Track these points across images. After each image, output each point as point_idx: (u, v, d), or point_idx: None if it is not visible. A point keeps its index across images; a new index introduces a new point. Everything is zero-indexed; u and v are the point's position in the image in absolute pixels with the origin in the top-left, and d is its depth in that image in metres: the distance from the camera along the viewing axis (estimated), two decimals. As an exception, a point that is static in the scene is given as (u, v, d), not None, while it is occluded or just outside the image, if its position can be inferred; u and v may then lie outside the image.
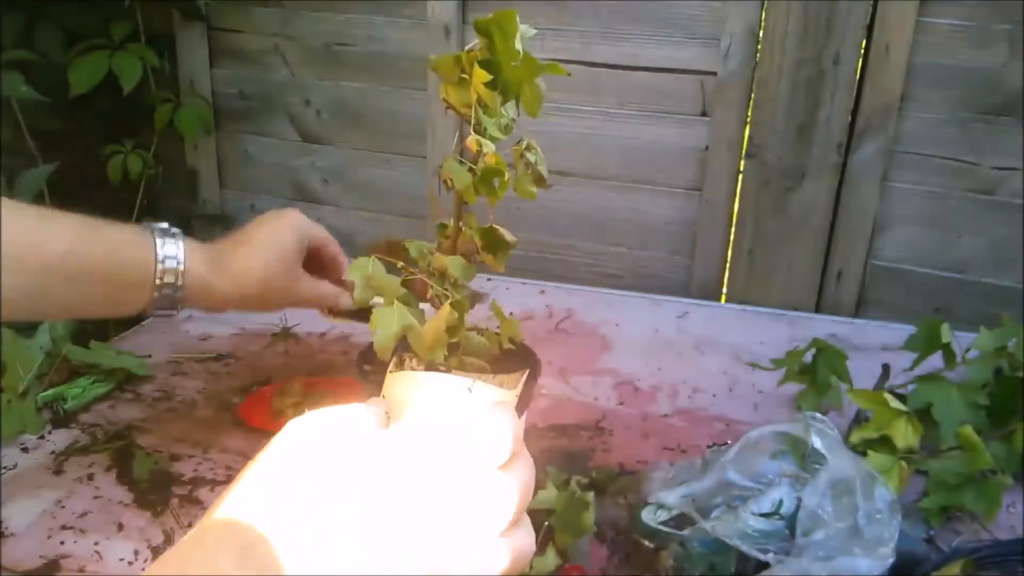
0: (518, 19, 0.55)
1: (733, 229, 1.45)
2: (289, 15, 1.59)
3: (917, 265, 1.39)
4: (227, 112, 1.70)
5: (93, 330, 1.17)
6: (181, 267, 0.73)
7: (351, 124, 1.63)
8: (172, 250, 0.73)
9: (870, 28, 1.29)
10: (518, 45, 0.55)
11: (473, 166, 0.61)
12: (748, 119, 1.39)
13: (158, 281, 0.72)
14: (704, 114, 1.42)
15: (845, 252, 1.40)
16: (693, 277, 1.50)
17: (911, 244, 1.38)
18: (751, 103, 1.38)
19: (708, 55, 1.39)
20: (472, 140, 0.58)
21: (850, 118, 1.34)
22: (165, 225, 0.75)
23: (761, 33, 1.34)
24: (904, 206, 1.37)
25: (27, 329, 0.99)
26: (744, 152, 1.41)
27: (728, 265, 1.48)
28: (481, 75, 0.56)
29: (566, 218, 1.53)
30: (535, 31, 0.56)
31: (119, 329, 1.14)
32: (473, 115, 0.58)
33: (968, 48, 1.27)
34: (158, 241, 0.73)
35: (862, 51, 1.31)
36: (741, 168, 1.42)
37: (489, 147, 0.58)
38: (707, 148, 1.43)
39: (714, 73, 1.39)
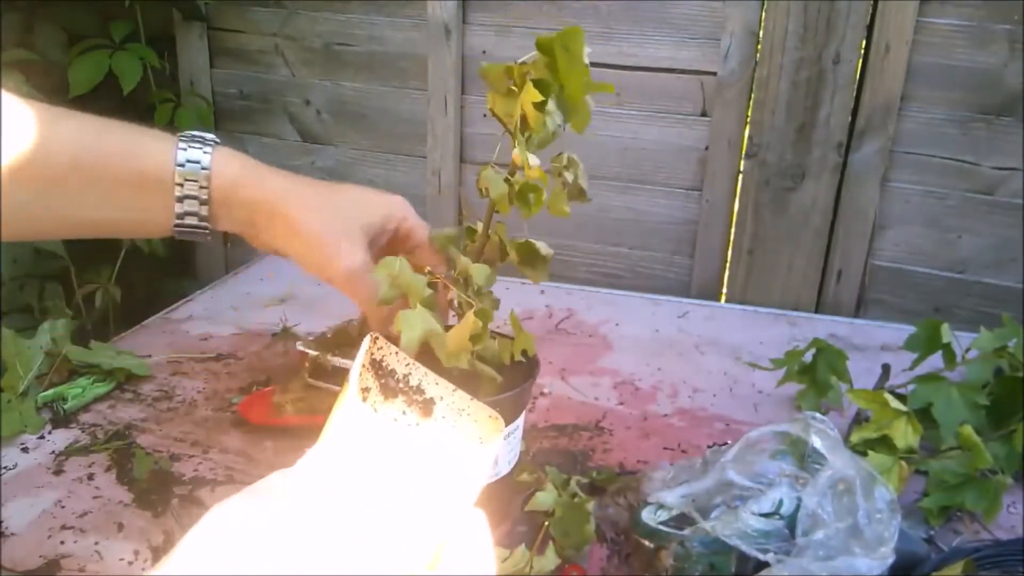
0: (584, 38, 0.54)
1: (733, 229, 1.45)
2: (289, 15, 1.59)
3: (917, 265, 1.39)
4: (227, 112, 1.70)
5: (93, 330, 1.17)
6: (206, 171, 0.61)
7: (351, 124, 1.63)
8: (196, 154, 0.62)
9: (870, 28, 1.29)
10: (586, 61, 0.55)
11: (510, 178, 0.61)
12: (748, 119, 1.39)
13: (178, 187, 0.61)
14: (704, 114, 1.42)
15: (845, 252, 1.40)
16: (693, 277, 1.50)
17: (911, 244, 1.38)
18: (751, 103, 1.38)
19: (708, 55, 1.39)
20: (517, 155, 0.58)
21: (850, 118, 1.34)
22: (204, 134, 0.64)
23: (761, 33, 1.34)
24: (904, 206, 1.37)
25: (27, 329, 0.99)
26: (744, 152, 1.41)
27: (728, 265, 1.48)
28: (533, 95, 0.55)
29: (566, 218, 1.53)
30: (590, 49, 0.55)
31: (119, 329, 1.14)
32: (517, 130, 0.58)
33: (968, 48, 1.27)
34: (180, 144, 0.62)
35: (862, 51, 1.31)
36: (741, 168, 1.42)
37: (535, 161, 0.58)
38: (707, 148, 1.43)
39: (714, 73, 1.39)
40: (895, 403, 0.79)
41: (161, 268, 1.66)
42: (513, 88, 0.58)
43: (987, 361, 0.87)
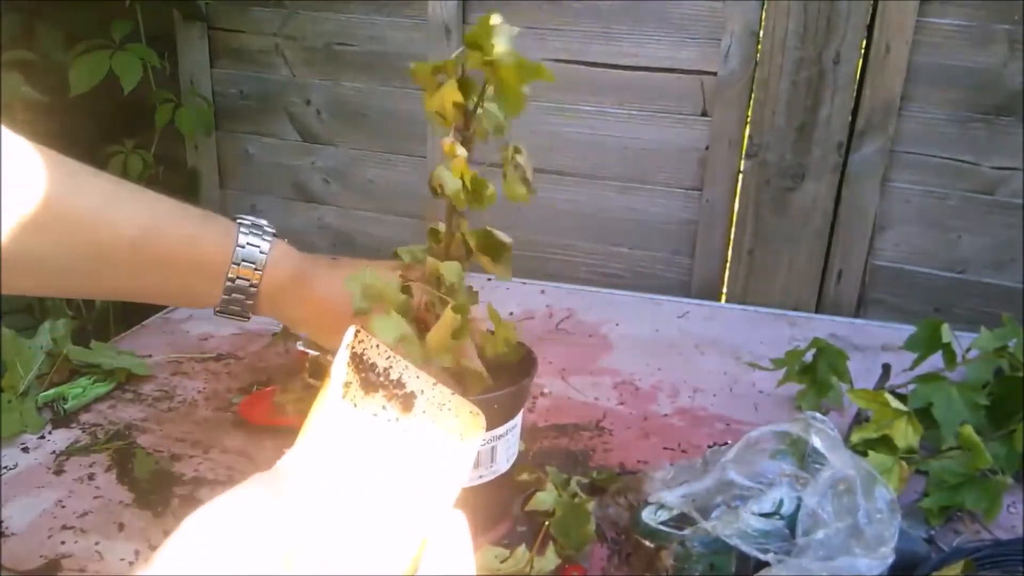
0: (497, 20, 0.54)
1: (733, 229, 1.45)
2: (289, 15, 1.59)
3: (917, 265, 1.39)
4: (227, 112, 1.70)
5: (94, 330, 1.17)
6: (258, 272, 0.64)
7: (351, 124, 1.63)
8: (253, 252, 0.64)
9: (870, 28, 1.29)
10: (500, 47, 0.55)
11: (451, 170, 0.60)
12: (748, 119, 1.39)
13: (229, 283, 0.64)
14: (704, 114, 1.42)
15: (845, 252, 1.40)
16: (693, 277, 1.50)
17: (911, 244, 1.38)
18: (751, 103, 1.38)
19: (708, 55, 1.39)
20: (447, 143, 0.57)
21: (850, 118, 1.34)
22: (260, 222, 0.66)
23: (761, 33, 1.34)
24: (904, 206, 1.37)
25: (27, 329, 0.99)
26: (744, 152, 1.41)
27: (728, 265, 1.48)
28: (453, 94, 0.56)
29: (566, 218, 1.53)
30: (518, 29, 0.55)
31: (120, 329, 1.14)
32: (446, 122, 0.58)
33: (968, 48, 1.27)
34: (241, 238, 0.64)
35: (862, 51, 1.31)
36: (741, 168, 1.42)
37: (461, 152, 0.58)
38: (707, 148, 1.43)
39: (714, 73, 1.39)
40: (895, 403, 0.79)
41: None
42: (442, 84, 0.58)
43: (987, 361, 0.87)
